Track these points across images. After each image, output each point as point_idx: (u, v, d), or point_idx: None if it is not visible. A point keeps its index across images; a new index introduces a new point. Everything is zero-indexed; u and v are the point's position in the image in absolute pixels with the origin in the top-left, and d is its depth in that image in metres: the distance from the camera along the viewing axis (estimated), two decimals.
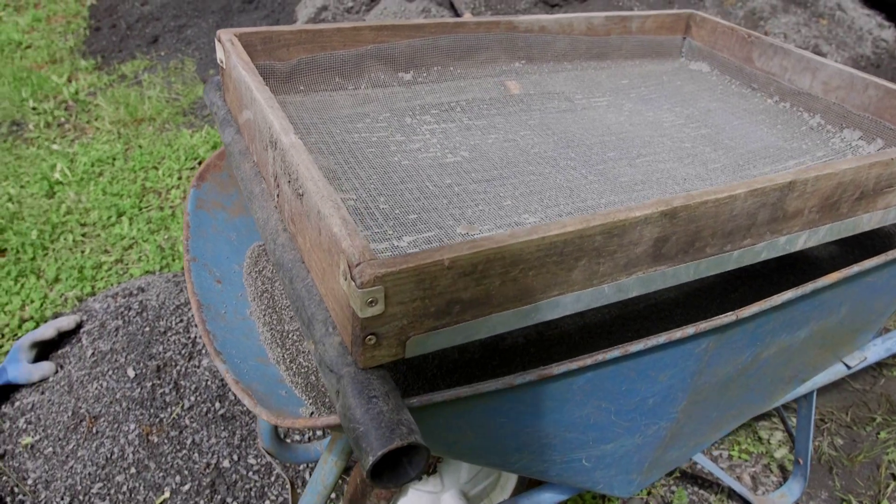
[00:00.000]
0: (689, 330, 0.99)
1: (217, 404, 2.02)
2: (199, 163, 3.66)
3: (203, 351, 2.08)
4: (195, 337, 2.12)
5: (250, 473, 1.91)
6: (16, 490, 1.81)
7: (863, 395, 2.26)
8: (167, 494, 1.85)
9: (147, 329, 2.12)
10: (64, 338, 2.14)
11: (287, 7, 5.26)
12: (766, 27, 3.90)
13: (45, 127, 4.13)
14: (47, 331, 2.06)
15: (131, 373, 2.01)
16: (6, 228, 3.05)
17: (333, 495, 1.89)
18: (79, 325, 2.17)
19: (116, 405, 1.96)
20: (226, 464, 1.93)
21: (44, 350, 2.11)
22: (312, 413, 1.00)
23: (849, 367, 1.59)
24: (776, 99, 1.60)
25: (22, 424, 1.95)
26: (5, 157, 3.71)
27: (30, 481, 1.83)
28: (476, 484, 1.64)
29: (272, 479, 1.92)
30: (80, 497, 1.81)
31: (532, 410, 0.97)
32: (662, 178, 1.27)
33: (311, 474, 1.90)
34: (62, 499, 1.80)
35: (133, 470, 1.87)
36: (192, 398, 2.01)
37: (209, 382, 2.05)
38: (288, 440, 1.96)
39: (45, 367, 2.04)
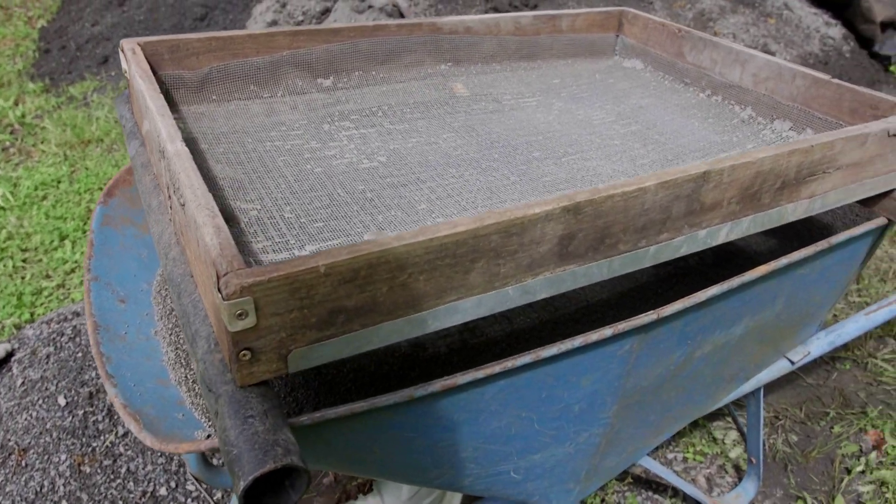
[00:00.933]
0: (607, 332, 0.94)
1: None
2: None
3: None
4: None
5: (189, 501, 1.83)
6: None
7: (816, 390, 2.24)
8: None
9: (80, 355, 2.03)
10: None
11: (238, 24, 5.19)
12: (714, 28, 3.91)
13: None
14: None
15: (62, 401, 1.93)
16: None
17: None
18: (9, 354, 2.08)
19: (46, 435, 1.87)
20: (163, 491, 1.85)
21: None
22: (210, 436, 0.94)
23: (793, 363, 1.56)
24: (708, 93, 1.57)
25: None
26: None
27: None
28: (419, 501, 1.58)
29: None
30: None
31: (442, 424, 0.92)
32: (588, 176, 1.23)
33: None
34: None
35: (64, 503, 1.78)
36: None
37: None
38: (215, 463, 1.88)
39: None
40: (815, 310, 1.44)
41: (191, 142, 1.22)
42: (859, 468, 1.98)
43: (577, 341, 0.92)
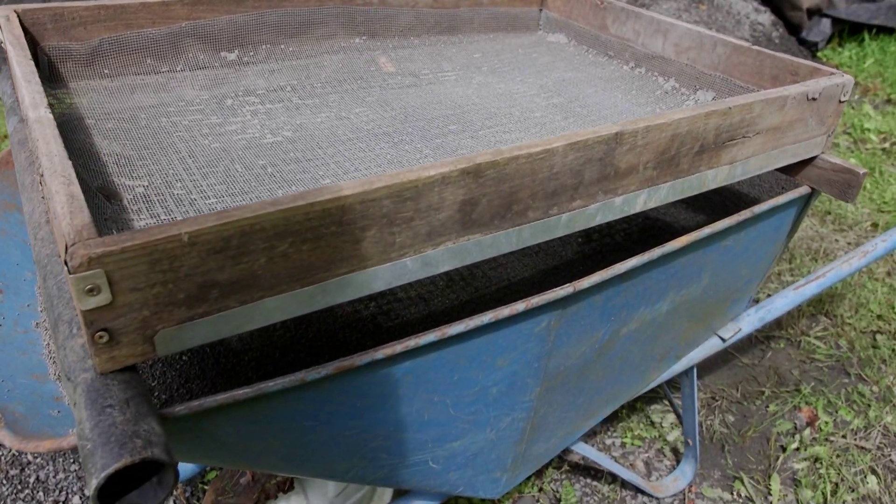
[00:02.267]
0: (520, 306, 0.88)
1: None
2: None
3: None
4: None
5: None
6: None
7: (752, 370, 2.24)
8: None
9: None
10: None
11: None
12: None
13: None
14: None
15: None
16: None
17: None
18: None
19: None
20: (76, 500, 1.73)
21: None
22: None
23: (724, 340, 1.53)
24: (632, 65, 1.53)
25: None
26: None
27: None
28: (347, 497, 1.51)
29: None
30: None
31: (344, 410, 0.85)
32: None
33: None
34: None
35: None
36: None
37: None
38: None
39: None
40: (743, 284, 1.42)
41: (76, 118, 1.12)
42: (794, 445, 1.97)
43: (487, 317, 0.85)
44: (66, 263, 0.60)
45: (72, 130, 1.09)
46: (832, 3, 4.78)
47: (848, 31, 5.09)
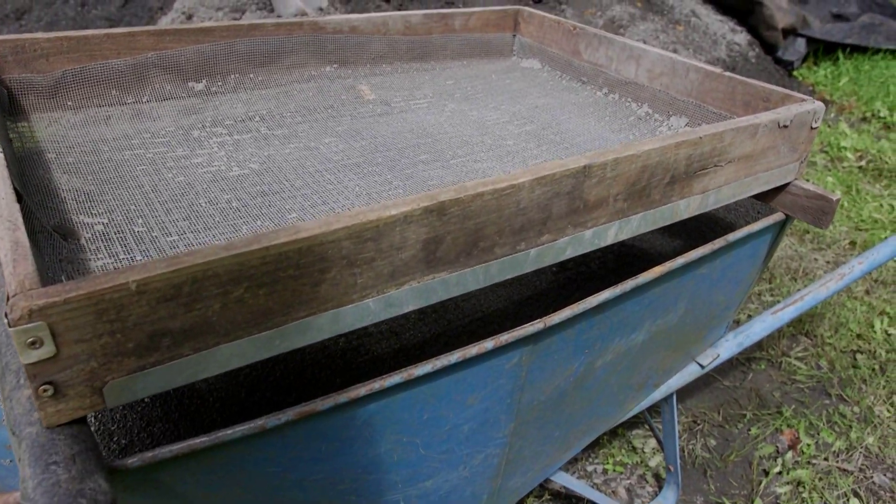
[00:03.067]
0: (488, 344, 0.86)
1: None
2: None
3: None
4: None
5: None
6: None
7: (733, 392, 2.22)
8: None
9: None
10: None
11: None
12: (625, 34, 3.94)
13: None
14: None
15: None
16: None
17: None
18: None
19: None
20: None
21: None
22: None
23: (702, 367, 1.52)
24: (605, 91, 1.53)
25: None
26: None
27: None
28: None
29: None
30: None
31: (309, 455, 0.82)
32: (477, 177, 1.16)
33: None
34: None
35: None
36: None
37: None
38: None
39: None
40: (720, 311, 1.40)
41: (36, 152, 1.10)
42: (776, 469, 1.96)
43: (455, 356, 0.83)
44: (6, 316, 0.57)
45: (31, 166, 1.06)
46: (807, 22, 4.84)
47: (823, 50, 5.15)
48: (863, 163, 3.77)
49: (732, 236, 1.16)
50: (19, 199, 0.88)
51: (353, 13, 4.11)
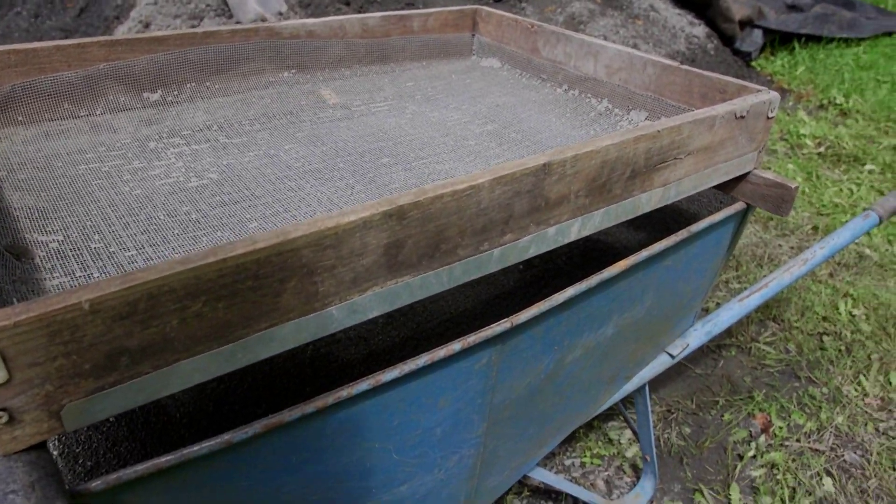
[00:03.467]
0: (456, 346, 0.86)
1: None
2: None
3: None
4: None
5: None
6: None
7: (705, 380, 2.25)
8: None
9: None
10: None
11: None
12: (585, 30, 3.97)
13: None
14: None
15: None
16: None
17: None
18: None
19: None
20: None
21: None
22: None
23: (672, 357, 1.53)
24: (565, 87, 1.53)
25: None
26: None
27: None
28: None
29: None
30: None
31: (280, 467, 0.81)
32: (439, 178, 1.15)
33: None
34: None
35: None
36: None
37: None
38: None
39: None
40: (687, 301, 1.42)
41: None
42: (750, 453, 1.98)
43: (422, 360, 0.83)
44: None
45: None
46: (763, 13, 4.91)
47: (779, 40, 5.23)
48: (822, 149, 3.84)
49: (695, 227, 1.17)
50: None
51: (312, 16, 4.08)
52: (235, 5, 4.08)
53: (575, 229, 0.97)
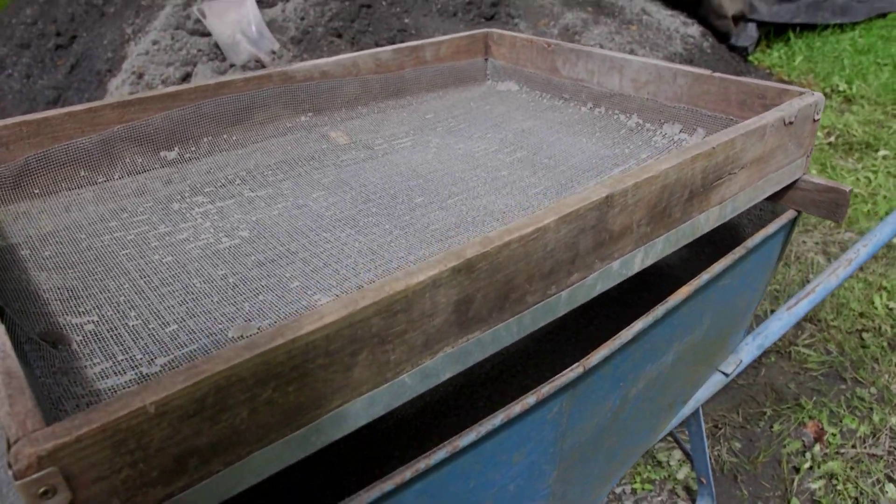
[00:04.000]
0: (531, 399, 0.80)
1: None
2: None
3: None
4: None
5: None
6: None
7: (749, 390, 2.18)
8: None
9: None
10: None
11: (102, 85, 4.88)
12: (580, 40, 3.94)
13: None
14: None
15: None
16: None
17: None
18: None
19: None
20: None
21: None
22: None
23: (727, 375, 1.47)
24: (590, 105, 1.48)
25: None
26: None
27: None
28: None
29: None
30: None
31: None
32: (479, 215, 1.10)
33: None
34: None
35: None
36: None
37: None
38: None
39: None
40: (740, 317, 1.36)
41: (6, 250, 1.02)
42: (807, 465, 1.91)
43: (499, 419, 0.77)
44: (10, 466, 0.50)
45: (4, 267, 0.98)
46: (754, 7, 4.89)
47: (774, 32, 5.21)
48: (832, 139, 3.79)
49: (751, 242, 1.12)
50: (0, 312, 0.80)
51: (306, 52, 4.06)
52: (228, 48, 4.05)
53: (638, 260, 0.91)
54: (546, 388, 0.81)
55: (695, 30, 4.56)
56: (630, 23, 4.26)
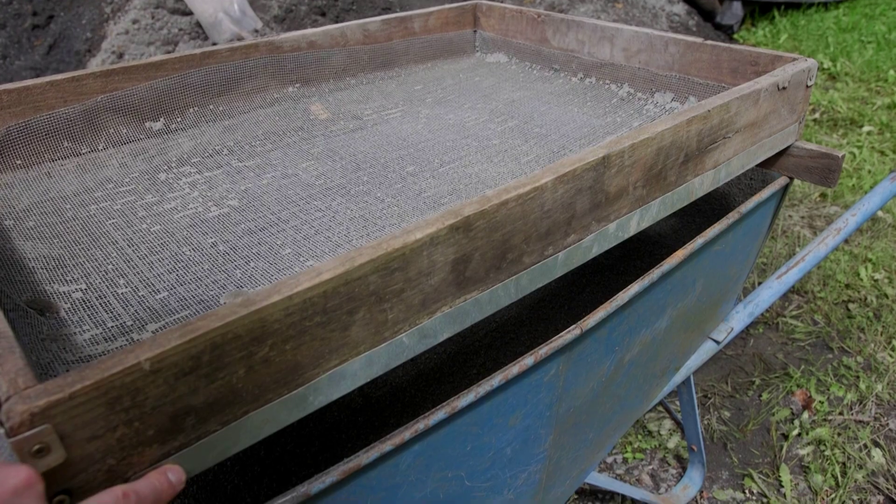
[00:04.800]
0: (528, 360, 0.79)
1: None
2: None
3: None
4: None
5: None
6: None
7: (737, 360, 2.20)
8: None
9: None
10: None
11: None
12: None
13: None
14: None
15: None
16: None
17: None
18: None
19: None
20: None
21: None
22: None
23: (718, 343, 1.47)
24: (581, 76, 1.47)
25: None
26: None
27: None
28: None
29: None
30: None
31: None
32: (472, 183, 1.09)
33: None
34: None
35: None
36: None
37: None
38: None
39: None
40: (732, 284, 1.36)
41: None
42: (795, 431, 1.93)
43: (496, 380, 0.76)
44: (1, 424, 0.49)
45: None
46: None
47: (759, 10, 5.21)
48: (817, 115, 3.81)
49: (744, 207, 1.12)
50: None
51: (289, 31, 4.01)
52: (210, 27, 4.00)
53: (634, 222, 0.91)
54: (543, 350, 0.81)
55: (680, 8, 4.55)
56: (616, 0, 4.24)
